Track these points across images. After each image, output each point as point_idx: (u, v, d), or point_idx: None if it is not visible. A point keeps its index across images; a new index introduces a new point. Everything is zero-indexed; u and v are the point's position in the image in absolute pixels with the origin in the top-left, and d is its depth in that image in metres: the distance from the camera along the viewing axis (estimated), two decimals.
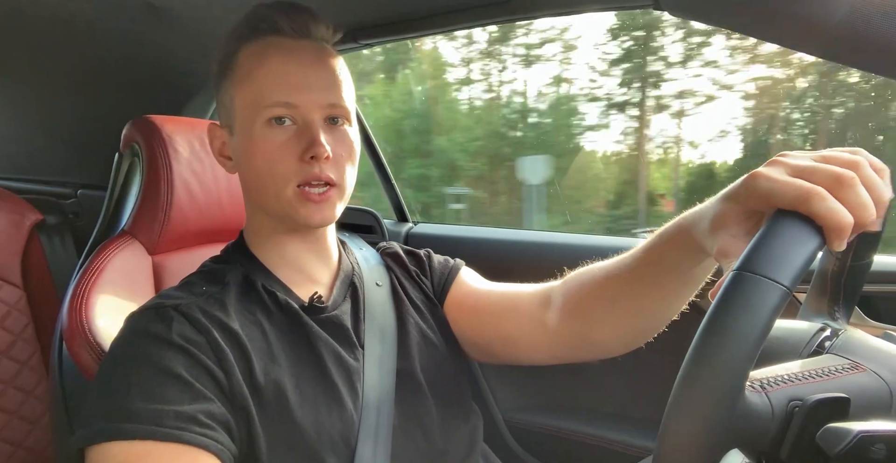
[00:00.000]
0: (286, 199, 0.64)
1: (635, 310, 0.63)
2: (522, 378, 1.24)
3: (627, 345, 0.68)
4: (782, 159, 0.42)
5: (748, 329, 0.32)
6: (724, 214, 0.45)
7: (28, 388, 1.17)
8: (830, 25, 0.48)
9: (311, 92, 0.63)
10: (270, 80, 0.63)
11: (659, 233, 0.57)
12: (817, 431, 0.35)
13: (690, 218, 0.51)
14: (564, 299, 0.69)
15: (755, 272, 0.34)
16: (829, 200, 0.37)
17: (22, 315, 1.18)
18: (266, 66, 0.63)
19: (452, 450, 0.70)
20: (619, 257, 0.64)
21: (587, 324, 0.67)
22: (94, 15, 1.03)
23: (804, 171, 0.40)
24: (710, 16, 0.63)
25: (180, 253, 0.93)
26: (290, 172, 0.63)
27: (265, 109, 0.62)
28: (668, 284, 0.59)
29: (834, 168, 0.39)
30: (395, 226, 1.46)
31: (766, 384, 0.38)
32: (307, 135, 0.63)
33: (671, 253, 0.55)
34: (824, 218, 0.37)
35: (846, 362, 0.41)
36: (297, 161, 0.63)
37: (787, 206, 0.38)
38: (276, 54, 0.64)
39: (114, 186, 0.97)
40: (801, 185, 0.38)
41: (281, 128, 0.63)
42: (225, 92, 0.67)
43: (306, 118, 0.63)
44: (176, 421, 0.51)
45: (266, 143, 0.63)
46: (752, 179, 0.41)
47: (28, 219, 1.21)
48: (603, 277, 0.65)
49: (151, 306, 0.61)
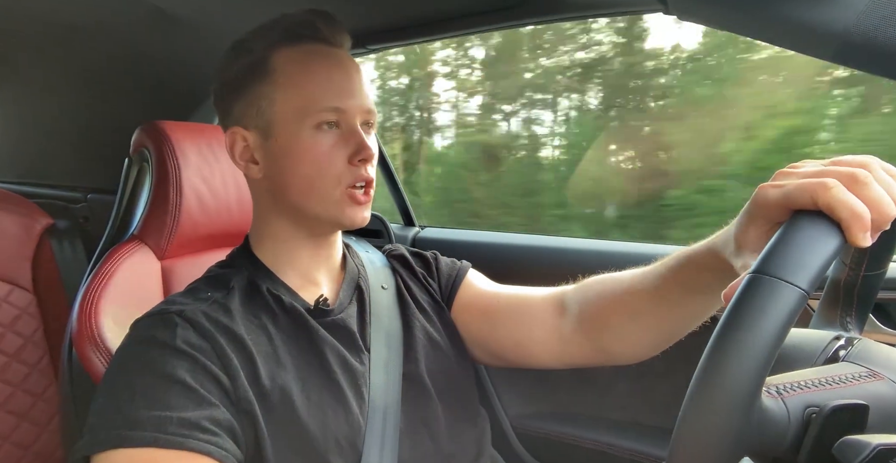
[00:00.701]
0: (333, 201, 0.65)
1: (657, 325, 0.63)
2: (530, 384, 1.24)
3: (643, 355, 0.68)
4: (790, 170, 0.41)
5: (764, 333, 0.31)
6: (743, 231, 0.44)
7: (37, 391, 1.17)
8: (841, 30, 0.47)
9: (354, 98, 0.66)
10: (320, 86, 0.65)
11: (688, 254, 0.57)
12: (835, 439, 0.35)
13: (720, 240, 0.51)
14: (581, 309, 0.69)
15: (771, 274, 0.33)
16: (844, 192, 0.36)
17: (32, 319, 1.19)
18: (314, 72, 0.65)
19: (460, 454, 0.70)
20: (639, 272, 0.64)
21: (605, 335, 0.67)
22: (104, 21, 1.04)
23: (814, 174, 0.39)
24: (719, 20, 0.62)
25: (189, 258, 0.94)
26: (340, 174, 0.65)
27: (316, 114, 0.64)
28: (693, 303, 0.59)
29: (846, 168, 0.38)
30: (402, 230, 1.46)
31: (783, 390, 0.37)
32: (354, 138, 0.65)
33: (701, 275, 0.55)
34: (842, 209, 0.35)
35: (863, 370, 0.40)
36: (346, 164, 0.65)
37: (803, 206, 0.37)
38: (321, 61, 0.66)
39: (123, 191, 0.97)
40: (813, 181, 0.37)
41: (329, 132, 0.65)
42: (260, 95, 0.66)
43: (349, 122, 0.65)
44: (180, 428, 0.52)
45: (316, 147, 0.64)
46: (762, 191, 0.41)
47: (39, 223, 1.21)
48: (623, 291, 0.65)
49: (156, 313, 0.61)
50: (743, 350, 0.31)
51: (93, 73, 1.27)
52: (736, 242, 0.46)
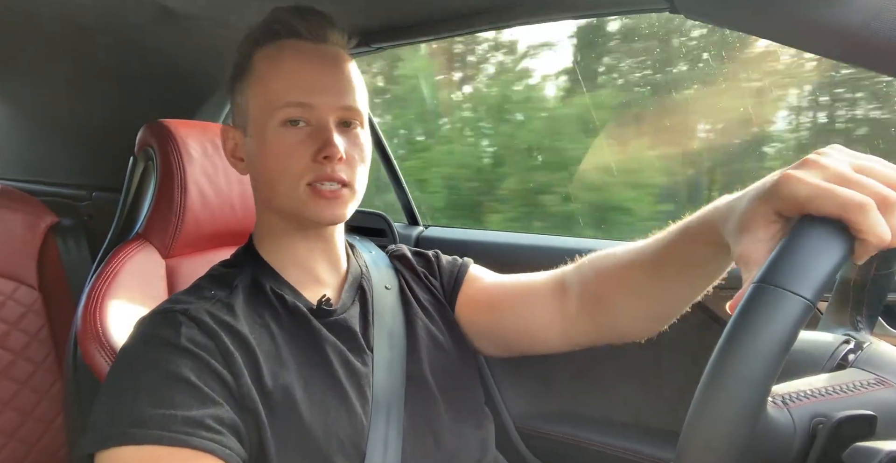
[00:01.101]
0: (297, 197, 0.64)
1: (658, 299, 0.63)
2: (534, 385, 1.23)
3: (648, 329, 0.68)
4: (818, 160, 0.39)
5: (770, 344, 0.31)
6: (752, 215, 0.42)
7: (42, 389, 1.18)
8: (850, 30, 0.47)
9: (325, 94, 0.64)
10: (285, 82, 0.64)
11: (681, 227, 0.56)
12: (842, 450, 0.34)
13: (718, 214, 0.49)
14: (582, 288, 0.69)
15: (777, 285, 0.32)
16: (877, 218, 0.35)
17: (37, 316, 1.19)
18: (281, 68, 0.64)
19: (463, 454, 0.70)
20: (636, 246, 0.63)
21: (608, 313, 0.68)
22: (110, 19, 1.04)
23: (845, 180, 0.37)
24: (726, 19, 0.62)
25: (193, 256, 0.94)
26: (303, 171, 0.64)
27: (279, 110, 0.63)
28: (692, 276, 0.59)
29: (878, 186, 0.37)
30: (405, 229, 1.46)
31: (789, 399, 0.37)
32: (321, 135, 0.63)
33: (696, 247, 0.55)
34: (870, 234, 0.35)
35: (872, 377, 0.40)
36: (311, 161, 0.64)
37: (827, 214, 0.36)
38: (291, 56, 0.65)
39: (128, 189, 0.98)
40: (849, 196, 0.36)
41: (295, 129, 0.64)
42: (239, 93, 0.68)
43: (320, 120, 0.64)
44: (184, 426, 0.52)
45: (280, 144, 0.64)
46: (788, 182, 0.39)
47: (44, 221, 1.22)
48: (622, 267, 0.65)
49: (160, 311, 0.61)
50: (748, 360, 0.31)
51: (98, 71, 1.27)
52: (739, 222, 0.43)
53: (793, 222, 0.38)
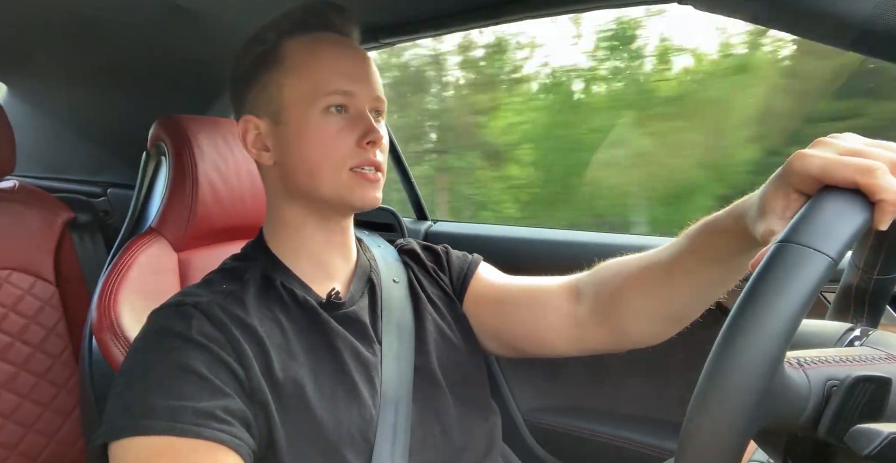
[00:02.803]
0: (342, 182, 0.66)
1: (672, 300, 0.63)
2: (542, 378, 1.24)
3: (659, 334, 0.68)
4: (830, 140, 0.41)
5: (791, 298, 0.31)
6: (771, 196, 0.43)
7: (60, 381, 1.20)
8: (859, 20, 0.47)
9: (363, 83, 0.67)
10: (328, 70, 0.66)
11: (707, 220, 0.57)
12: (855, 413, 0.34)
13: (743, 206, 0.50)
14: (596, 291, 0.69)
15: (799, 243, 0.33)
16: (888, 175, 0.36)
17: (54, 311, 1.21)
18: (323, 58, 0.66)
19: (471, 447, 0.70)
20: (653, 250, 0.64)
21: (620, 314, 0.67)
22: (123, 16, 1.05)
23: (856, 152, 0.38)
24: (735, 10, 0.62)
25: (205, 250, 0.95)
26: (347, 156, 0.65)
27: (325, 97, 0.65)
28: (708, 272, 0.59)
29: (892, 154, 0.38)
30: (414, 224, 1.47)
31: (805, 362, 0.36)
32: (363, 122, 0.66)
33: (720, 239, 0.55)
34: (884, 192, 0.35)
35: (883, 353, 0.40)
36: (354, 146, 0.65)
37: (841, 182, 0.37)
38: (329, 46, 0.67)
39: (141, 185, 0.99)
40: (860, 161, 0.37)
41: (337, 116, 0.66)
42: (270, 82, 0.67)
43: (359, 107, 0.66)
44: (194, 417, 0.52)
45: (324, 130, 0.65)
46: (801, 159, 0.40)
47: (60, 217, 1.24)
48: (639, 268, 0.65)
49: (172, 304, 0.62)
50: (769, 313, 0.31)
51: (111, 68, 1.29)
52: (760, 207, 0.45)
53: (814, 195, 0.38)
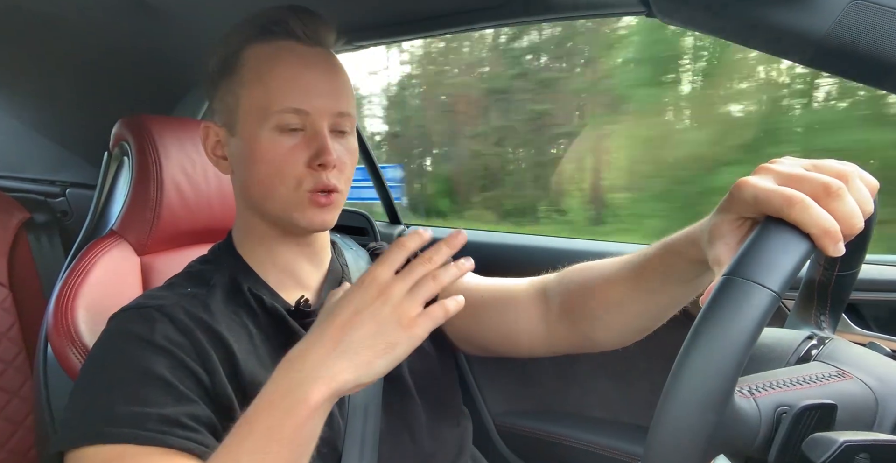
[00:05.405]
0: (293, 203, 0.63)
1: (637, 312, 0.64)
2: (512, 382, 1.24)
3: (627, 340, 0.69)
4: (771, 166, 0.42)
5: (737, 333, 0.32)
6: (718, 224, 0.45)
7: (13, 388, 1.15)
8: (818, 36, 0.48)
9: (322, 99, 0.63)
10: (283, 86, 0.62)
11: (666, 243, 0.57)
12: (804, 437, 0.35)
13: (698, 229, 0.51)
14: (562, 299, 0.69)
15: (744, 277, 0.34)
16: (812, 208, 0.37)
17: (7, 314, 1.16)
18: (278, 70, 0.63)
19: (441, 453, 0.70)
20: (619, 261, 0.64)
21: (588, 324, 0.68)
22: (84, 12, 1.02)
23: (791, 179, 0.39)
24: (700, 24, 0.63)
25: (169, 253, 0.92)
26: (299, 178, 0.63)
27: (275, 115, 0.62)
28: (672, 291, 0.60)
29: (823, 177, 0.39)
30: (387, 228, 1.46)
31: (755, 389, 0.38)
32: (316, 142, 0.63)
33: (678, 263, 0.56)
34: (808, 225, 0.36)
35: (833, 370, 0.41)
36: (305, 167, 0.63)
37: (773, 213, 0.38)
38: (289, 59, 0.64)
39: (102, 185, 0.96)
40: (784, 193, 0.38)
41: (290, 134, 0.63)
42: (228, 91, 0.66)
43: (315, 125, 0.63)
44: (159, 424, 0.51)
45: (273, 149, 0.62)
46: (738, 188, 0.41)
47: (15, 217, 1.19)
48: (604, 280, 0.65)
49: (134, 307, 0.61)
50: (717, 350, 0.32)
51: (73, 66, 1.24)
52: (710, 233, 0.46)
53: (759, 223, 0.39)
